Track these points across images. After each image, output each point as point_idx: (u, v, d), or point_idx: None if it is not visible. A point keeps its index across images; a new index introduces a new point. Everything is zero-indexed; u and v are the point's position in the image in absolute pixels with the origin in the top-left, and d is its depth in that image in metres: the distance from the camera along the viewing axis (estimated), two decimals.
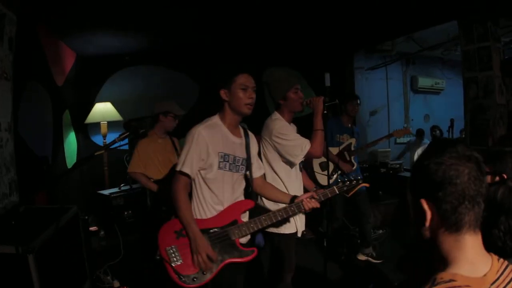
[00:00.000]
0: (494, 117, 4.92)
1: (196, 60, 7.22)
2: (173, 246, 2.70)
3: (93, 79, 6.83)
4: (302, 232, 3.47)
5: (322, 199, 2.93)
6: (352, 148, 5.32)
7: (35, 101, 4.64)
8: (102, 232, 5.21)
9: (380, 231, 6.32)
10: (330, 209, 5.09)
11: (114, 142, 3.02)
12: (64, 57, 5.92)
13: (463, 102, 5.35)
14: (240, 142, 2.93)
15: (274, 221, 2.85)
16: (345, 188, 3.04)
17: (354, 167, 5.27)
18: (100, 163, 6.23)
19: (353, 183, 3.06)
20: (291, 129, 3.42)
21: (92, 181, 6.60)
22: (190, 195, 2.83)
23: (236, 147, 2.87)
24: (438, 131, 7.95)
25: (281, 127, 3.33)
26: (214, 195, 2.78)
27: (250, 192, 3.07)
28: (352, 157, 5.27)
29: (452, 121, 5.67)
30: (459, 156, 1.14)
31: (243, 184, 3.00)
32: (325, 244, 3.93)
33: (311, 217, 3.63)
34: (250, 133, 3.08)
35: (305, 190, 3.53)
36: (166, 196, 4.37)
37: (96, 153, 2.93)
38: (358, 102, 5.40)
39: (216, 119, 2.88)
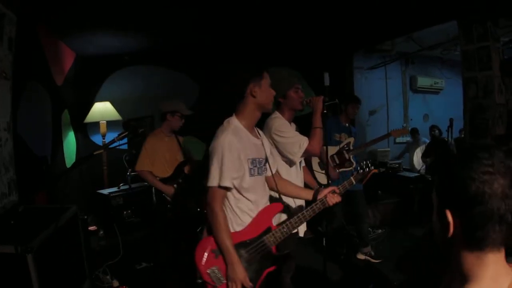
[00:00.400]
0: (493, 116, 4.92)
1: (195, 60, 7.22)
2: (215, 268, 2.56)
3: (92, 78, 6.84)
4: (304, 232, 3.48)
5: (343, 192, 2.94)
6: (351, 147, 5.32)
7: (34, 100, 4.64)
8: (101, 232, 5.22)
9: (379, 231, 6.33)
10: (329, 209, 5.09)
11: (113, 141, 3.03)
12: (64, 56, 5.92)
13: (462, 102, 5.35)
14: (259, 142, 2.82)
15: (304, 221, 2.79)
16: (360, 177, 3.11)
17: (353, 166, 5.27)
18: (100, 163, 6.23)
19: (366, 170, 3.11)
20: (290, 127, 3.42)
21: (91, 180, 6.60)
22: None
23: (259, 149, 2.77)
24: (437, 131, 7.95)
25: (280, 125, 3.34)
26: (250, 203, 2.69)
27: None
28: (351, 156, 5.27)
29: (451, 120, 5.68)
30: (495, 171, 1.03)
31: (266, 185, 2.92)
32: (324, 244, 3.93)
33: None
34: (260, 131, 3.02)
35: (306, 187, 3.51)
36: (172, 195, 4.38)
37: (95, 153, 2.93)
38: (359, 105, 5.43)
39: (235, 122, 2.70)
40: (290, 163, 3.38)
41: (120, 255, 4.73)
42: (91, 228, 5.09)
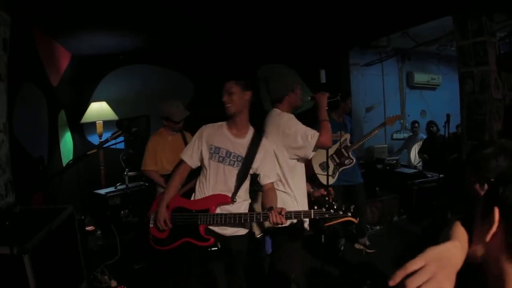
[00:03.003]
0: (490, 112, 4.92)
1: (191, 58, 7.20)
2: (155, 212, 3.24)
3: (88, 78, 6.82)
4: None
5: (294, 219, 3.02)
6: (348, 144, 5.32)
7: (30, 101, 4.63)
8: (98, 232, 5.19)
9: (377, 227, 6.33)
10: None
11: (107, 141, 3.03)
12: (59, 57, 5.90)
13: (459, 97, 5.35)
14: (240, 141, 3.18)
15: (239, 222, 3.02)
16: (326, 216, 2.86)
17: (353, 162, 5.28)
18: (96, 163, 6.21)
19: (339, 213, 2.85)
20: (298, 121, 3.43)
21: (88, 181, 6.58)
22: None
23: (232, 144, 3.17)
24: (434, 127, 7.96)
25: (289, 119, 3.37)
26: (207, 183, 3.17)
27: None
28: (350, 152, 5.27)
29: (448, 116, 5.67)
30: None
31: (235, 179, 3.15)
32: (323, 241, 3.94)
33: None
34: (263, 142, 3.22)
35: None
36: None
37: (88, 152, 2.93)
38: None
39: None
40: (299, 160, 3.41)
41: (118, 255, 4.72)
42: (89, 228, 5.07)
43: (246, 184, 3.23)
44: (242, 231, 3.26)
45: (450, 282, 1.00)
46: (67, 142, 6.11)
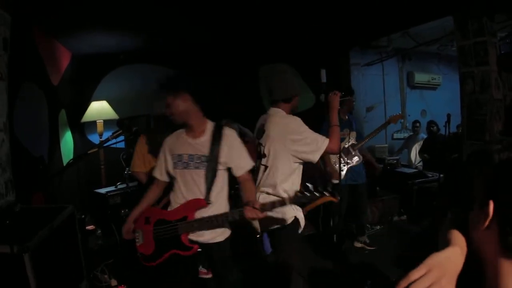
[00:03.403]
0: (490, 112, 4.92)
1: (191, 58, 7.21)
2: (140, 230, 3.22)
3: (88, 78, 6.82)
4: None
5: (269, 210, 2.87)
6: (355, 142, 5.34)
7: (30, 101, 4.63)
8: (99, 231, 5.21)
9: (378, 227, 6.33)
10: (334, 206, 5.15)
11: (107, 140, 3.03)
12: (60, 56, 5.91)
13: (459, 97, 5.35)
14: (200, 141, 3.13)
15: (215, 224, 2.99)
16: (303, 200, 2.75)
17: (361, 160, 5.31)
18: (97, 162, 6.22)
19: (315, 195, 2.67)
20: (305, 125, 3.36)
21: (89, 180, 6.59)
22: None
23: (193, 147, 3.12)
24: (435, 127, 7.96)
25: (299, 124, 3.30)
26: (180, 192, 3.13)
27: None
28: (356, 150, 5.29)
29: (448, 116, 5.67)
30: None
31: (204, 180, 3.07)
32: (335, 240, 3.96)
33: (313, 211, 3.65)
34: (225, 133, 3.14)
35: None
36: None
37: (89, 152, 2.94)
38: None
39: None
40: (302, 164, 3.37)
41: (118, 254, 4.72)
42: (89, 227, 5.08)
43: (219, 182, 3.12)
44: (220, 237, 3.16)
45: (451, 286, 1.06)
46: (67, 141, 6.11)
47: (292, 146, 3.22)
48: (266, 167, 3.36)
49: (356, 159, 5.29)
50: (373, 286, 4.01)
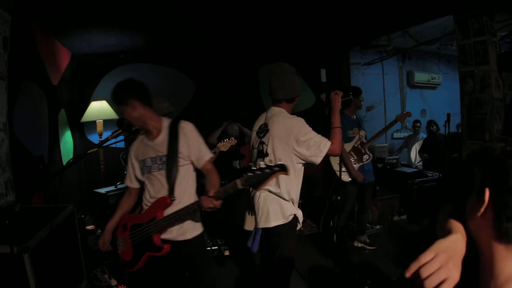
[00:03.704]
0: (490, 111, 4.92)
1: (191, 57, 7.21)
2: (120, 238, 3.22)
3: (88, 77, 6.81)
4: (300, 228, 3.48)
5: (223, 196, 2.74)
6: (364, 140, 5.35)
7: (30, 100, 4.63)
8: (99, 231, 5.20)
9: (378, 226, 6.33)
10: (338, 205, 5.16)
11: (107, 140, 3.02)
12: (59, 56, 5.90)
13: (459, 97, 5.35)
14: (158, 141, 3.11)
15: (183, 219, 2.98)
16: (254, 180, 2.59)
17: (371, 157, 5.33)
18: (97, 162, 6.21)
19: (265, 171, 2.56)
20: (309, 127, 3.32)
21: (88, 180, 6.59)
22: None
23: (153, 149, 3.11)
24: (435, 126, 7.96)
25: (304, 125, 3.25)
26: (149, 195, 3.15)
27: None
28: (366, 149, 5.30)
29: (448, 115, 5.67)
30: None
31: (166, 179, 3.06)
32: (334, 240, 3.97)
33: (316, 209, 3.66)
34: (180, 126, 3.12)
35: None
36: None
37: (88, 151, 2.92)
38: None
39: None
40: (304, 165, 3.34)
41: (118, 254, 4.71)
42: (89, 227, 5.08)
43: (183, 178, 3.10)
44: (189, 235, 3.13)
45: (457, 269, 1.13)
46: (67, 141, 6.11)
47: (296, 147, 3.18)
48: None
49: (366, 157, 5.30)
50: (373, 285, 4.01)
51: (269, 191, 3.26)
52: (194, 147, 3.08)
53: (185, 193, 3.10)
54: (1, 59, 3.53)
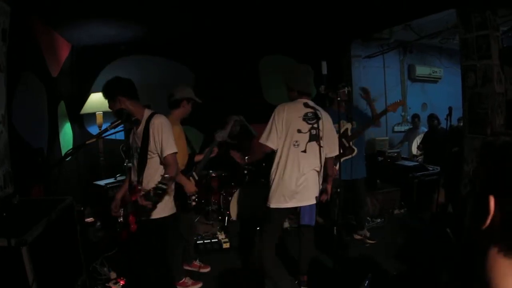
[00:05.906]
0: (492, 105, 4.90)
1: (192, 49, 7.18)
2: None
3: (88, 69, 6.78)
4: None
5: (153, 199, 3.00)
6: (349, 133, 5.22)
7: (29, 92, 4.61)
8: (98, 223, 5.19)
9: (378, 220, 6.32)
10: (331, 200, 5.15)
11: (106, 130, 3.00)
12: (59, 47, 5.87)
13: (461, 91, 5.33)
14: (139, 131, 3.35)
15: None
16: (151, 194, 2.96)
17: (354, 152, 5.22)
18: (96, 154, 6.20)
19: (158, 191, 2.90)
20: None
21: (88, 172, 6.58)
22: None
23: (138, 138, 3.36)
24: (435, 120, 7.93)
25: None
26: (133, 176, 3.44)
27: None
28: (351, 143, 5.20)
29: (450, 109, 5.63)
30: None
31: (137, 167, 3.33)
32: (335, 233, 4.06)
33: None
34: (152, 121, 3.30)
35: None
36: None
37: (87, 142, 2.90)
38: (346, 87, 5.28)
39: None
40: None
41: (117, 247, 4.72)
42: (88, 219, 5.07)
43: (151, 169, 3.32)
44: (153, 216, 3.33)
45: None
46: (66, 133, 6.09)
47: (331, 132, 3.98)
48: (321, 147, 3.88)
49: (348, 151, 5.17)
50: (374, 279, 4.00)
51: (316, 171, 3.88)
52: (157, 141, 3.26)
53: (149, 184, 3.23)
54: (0, 51, 3.51)
